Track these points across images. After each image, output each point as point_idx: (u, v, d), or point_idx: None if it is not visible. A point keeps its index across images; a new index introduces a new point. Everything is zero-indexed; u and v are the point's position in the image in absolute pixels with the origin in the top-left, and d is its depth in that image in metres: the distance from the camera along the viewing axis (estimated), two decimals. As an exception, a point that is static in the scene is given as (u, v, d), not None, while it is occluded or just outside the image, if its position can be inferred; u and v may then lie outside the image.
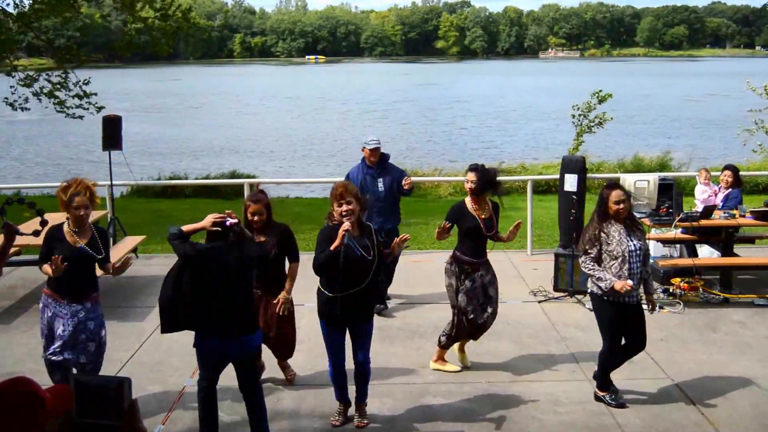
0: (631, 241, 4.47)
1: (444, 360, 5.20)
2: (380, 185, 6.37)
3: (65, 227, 4.45)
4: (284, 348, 5.00)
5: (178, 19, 12.37)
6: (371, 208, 6.33)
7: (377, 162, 6.42)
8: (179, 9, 12.41)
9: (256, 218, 4.61)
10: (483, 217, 5.00)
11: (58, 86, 12.19)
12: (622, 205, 4.47)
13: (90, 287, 4.47)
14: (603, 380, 4.68)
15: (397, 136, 25.68)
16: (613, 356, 4.63)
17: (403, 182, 6.40)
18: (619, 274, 4.44)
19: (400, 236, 4.36)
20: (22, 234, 3.91)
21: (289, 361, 5.25)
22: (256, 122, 32.07)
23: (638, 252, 4.49)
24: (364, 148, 6.46)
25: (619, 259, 4.44)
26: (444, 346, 5.16)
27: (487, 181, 4.98)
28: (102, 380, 2.42)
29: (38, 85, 12.22)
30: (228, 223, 4.07)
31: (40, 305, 4.46)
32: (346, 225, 4.04)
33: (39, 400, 2.11)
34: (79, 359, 4.38)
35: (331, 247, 4.06)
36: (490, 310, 5.05)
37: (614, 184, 4.68)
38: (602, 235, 4.49)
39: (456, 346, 5.23)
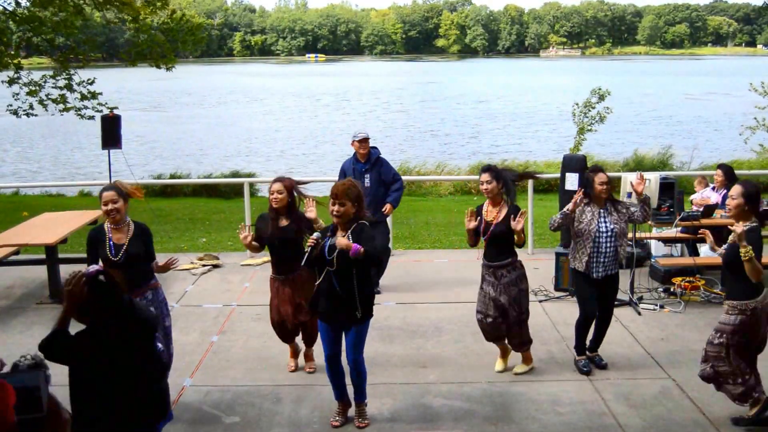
0: (603, 223, 4.94)
1: (500, 357, 5.18)
2: (367, 180, 6.64)
3: (106, 227, 4.39)
4: (307, 327, 5.06)
5: (184, 36, 12.24)
6: None
7: (366, 155, 6.68)
8: (187, 24, 12.27)
9: (274, 196, 4.84)
10: (488, 219, 4.90)
11: (65, 88, 12.08)
12: (605, 187, 4.96)
13: (143, 280, 4.38)
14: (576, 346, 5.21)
15: (422, 138, 25.35)
16: (582, 325, 5.16)
17: (384, 211, 6.72)
18: (585, 251, 4.97)
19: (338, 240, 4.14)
20: None
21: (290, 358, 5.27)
22: (275, 122, 31.70)
23: (611, 233, 4.93)
24: (353, 141, 6.72)
25: (587, 238, 4.96)
26: (498, 345, 5.18)
27: (503, 180, 4.89)
28: (18, 377, 2.40)
29: (44, 92, 12.11)
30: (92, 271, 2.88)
31: None
32: (313, 240, 4.17)
33: (11, 395, 2.11)
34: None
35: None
36: (511, 314, 4.94)
37: (599, 168, 5.13)
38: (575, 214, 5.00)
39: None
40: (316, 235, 4.20)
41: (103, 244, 4.31)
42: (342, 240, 4.08)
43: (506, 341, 5.12)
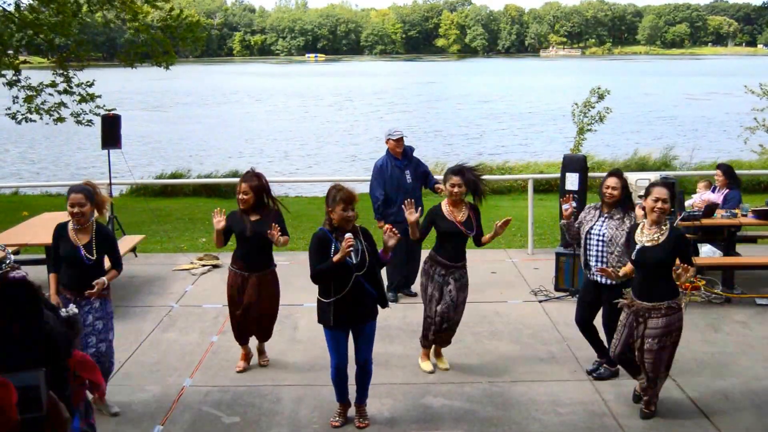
0: (596, 225, 4.79)
1: (426, 358, 5.23)
2: (408, 177, 6.56)
3: (69, 224, 4.43)
4: (264, 323, 5.13)
5: (183, 32, 12.17)
6: (400, 200, 6.41)
7: (402, 153, 6.59)
8: (185, 21, 12.21)
9: (240, 196, 4.88)
10: (459, 219, 4.95)
11: (63, 93, 12.01)
12: (608, 191, 4.77)
13: (87, 287, 4.39)
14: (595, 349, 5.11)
15: (427, 138, 25.16)
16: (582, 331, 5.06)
17: (437, 188, 6.58)
18: (582, 251, 4.88)
19: (388, 231, 4.14)
20: None
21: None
22: (279, 123, 31.48)
23: (598, 236, 4.78)
24: (389, 140, 6.63)
25: (582, 240, 4.86)
26: (424, 346, 5.22)
27: (473, 183, 4.96)
28: (18, 376, 2.39)
29: (40, 99, 12.09)
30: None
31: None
32: (352, 240, 3.99)
33: (13, 393, 2.10)
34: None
35: (335, 259, 4.03)
36: (454, 316, 5.03)
37: (615, 172, 4.93)
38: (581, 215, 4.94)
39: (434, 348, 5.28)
40: (348, 235, 4.03)
41: (64, 241, 4.38)
42: (396, 237, 4.13)
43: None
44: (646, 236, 4.27)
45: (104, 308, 4.45)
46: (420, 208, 6.64)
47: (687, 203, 7.83)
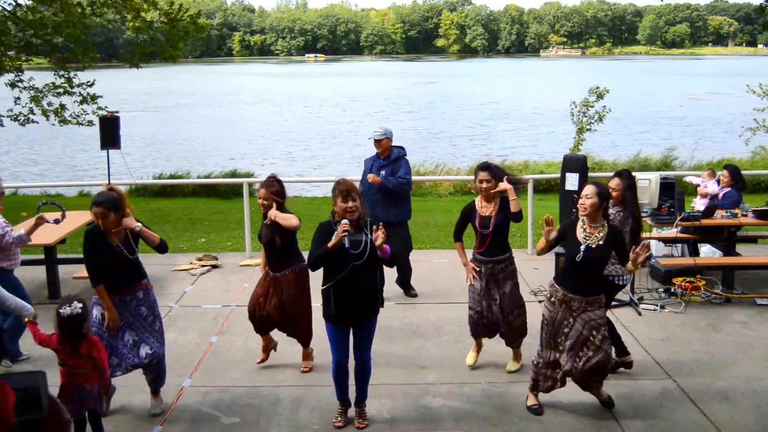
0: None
1: (474, 350, 5.25)
2: (382, 177, 6.51)
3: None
4: (295, 326, 5.13)
5: (187, 25, 12.17)
6: (369, 197, 6.42)
7: (385, 153, 6.57)
8: (187, 14, 12.22)
9: (260, 201, 5.02)
10: (483, 214, 4.97)
11: (65, 94, 11.98)
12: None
13: (133, 279, 4.46)
14: None
15: (434, 140, 25.14)
16: None
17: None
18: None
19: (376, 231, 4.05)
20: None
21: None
22: (284, 123, 31.47)
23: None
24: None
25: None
26: (474, 337, 5.23)
27: (501, 177, 4.94)
28: (18, 378, 2.39)
29: (46, 101, 12.07)
30: None
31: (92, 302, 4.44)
32: (347, 225, 4.01)
33: (10, 395, 2.09)
34: (135, 360, 4.47)
35: (329, 244, 4.03)
36: (496, 311, 4.99)
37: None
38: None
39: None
40: (345, 221, 4.03)
41: (101, 245, 4.40)
42: (382, 236, 4.01)
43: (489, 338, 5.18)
44: (587, 234, 4.26)
45: (148, 297, 4.51)
46: (397, 209, 6.53)
47: (694, 182, 7.85)
